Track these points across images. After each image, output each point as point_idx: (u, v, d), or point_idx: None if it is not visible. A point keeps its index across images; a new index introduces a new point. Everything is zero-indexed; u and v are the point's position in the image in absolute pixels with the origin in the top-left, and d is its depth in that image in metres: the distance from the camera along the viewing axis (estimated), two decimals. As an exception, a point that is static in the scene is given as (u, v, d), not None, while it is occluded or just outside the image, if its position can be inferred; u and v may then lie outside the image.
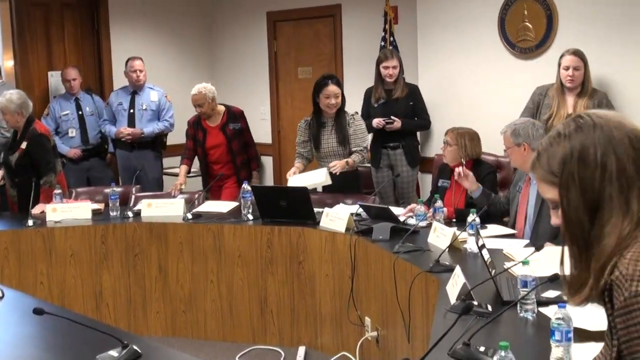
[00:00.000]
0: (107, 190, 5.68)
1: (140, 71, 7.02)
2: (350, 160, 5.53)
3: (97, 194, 6.06)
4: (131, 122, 7.00)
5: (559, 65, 5.27)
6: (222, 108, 6.26)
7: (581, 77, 5.22)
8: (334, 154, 5.62)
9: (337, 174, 5.42)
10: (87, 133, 7.22)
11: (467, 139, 4.95)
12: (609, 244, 1.55)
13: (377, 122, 6.28)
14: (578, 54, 5.20)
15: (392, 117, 6.25)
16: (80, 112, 7.23)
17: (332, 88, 5.51)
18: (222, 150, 6.22)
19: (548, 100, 5.33)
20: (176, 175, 6.47)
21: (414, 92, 6.42)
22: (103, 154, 7.38)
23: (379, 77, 6.39)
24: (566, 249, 1.65)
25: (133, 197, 5.86)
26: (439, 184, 5.15)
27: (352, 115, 5.71)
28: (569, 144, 1.63)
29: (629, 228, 1.54)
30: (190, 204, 5.54)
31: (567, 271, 1.66)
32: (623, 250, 1.53)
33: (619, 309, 1.47)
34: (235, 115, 6.27)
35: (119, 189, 5.74)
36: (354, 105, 6.49)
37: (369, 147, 5.96)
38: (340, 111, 5.62)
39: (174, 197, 5.81)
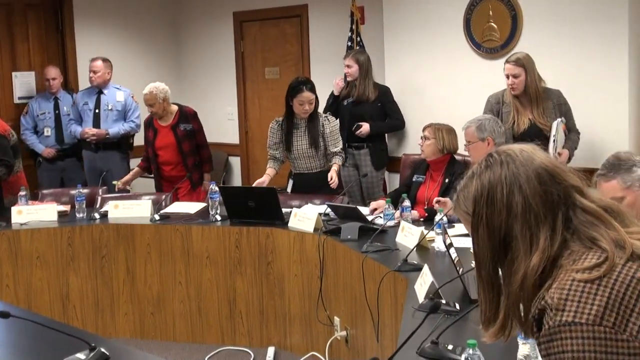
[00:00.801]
0: (73, 192, 5.63)
1: (95, 72, 6.96)
2: (337, 167, 5.51)
3: (63, 195, 5.99)
4: (96, 122, 6.95)
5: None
6: (174, 108, 6.21)
7: (522, 84, 5.15)
8: (305, 156, 5.60)
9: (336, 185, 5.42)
10: (62, 132, 7.16)
11: (445, 132, 5.03)
12: (517, 281, 1.57)
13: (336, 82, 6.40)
14: (518, 62, 5.13)
15: (359, 122, 6.28)
16: (57, 112, 7.18)
17: (306, 95, 5.44)
18: (172, 151, 6.16)
19: (507, 108, 5.28)
20: (143, 176, 6.43)
21: (383, 93, 6.44)
22: (80, 155, 7.29)
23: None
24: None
25: (99, 198, 5.81)
26: (414, 179, 5.18)
27: (326, 116, 5.68)
28: (479, 183, 1.65)
29: (537, 261, 1.55)
30: (157, 205, 5.51)
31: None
32: (550, 282, 1.54)
33: (543, 336, 1.48)
34: (187, 116, 6.21)
35: (85, 191, 5.69)
36: (322, 106, 6.51)
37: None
38: (313, 113, 5.58)
39: (117, 191, 5.80)
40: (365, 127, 6.25)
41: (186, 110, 6.25)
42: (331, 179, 5.40)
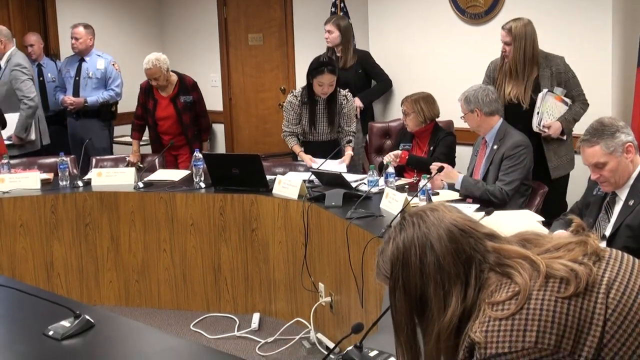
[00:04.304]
0: (41, 161, 5.60)
1: (77, 39, 6.83)
2: (350, 153, 5.49)
3: (31, 164, 5.86)
4: (76, 90, 6.87)
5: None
6: (175, 78, 6.17)
7: (511, 52, 4.80)
8: (320, 132, 5.56)
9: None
10: (47, 100, 7.09)
11: (422, 103, 5.06)
12: (432, 340, 1.65)
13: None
14: (510, 31, 4.76)
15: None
16: (41, 79, 7.10)
17: (327, 77, 5.30)
18: (172, 122, 6.16)
19: (499, 76, 4.97)
20: (128, 144, 6.38)
21: (363, 58, 6.40)
22: (65, 122, 7.18)
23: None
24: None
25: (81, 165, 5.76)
26: (400, 147, 5.20)
27: (345, 95, 5.54)
28: (394, 246, 1.70)
29: (449, 318, 1.62)
30: (141, 172, 5.49)
31: None
32: (471, 322, 1.61)
33: None
34: (187, 87, 6.18)
35: (66, 159, 5.63)
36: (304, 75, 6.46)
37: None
38: (333, 93, 5.44)
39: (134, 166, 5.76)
40: (357, 102, 6.16)
41: (187, 81, 6.21)
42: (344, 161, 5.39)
